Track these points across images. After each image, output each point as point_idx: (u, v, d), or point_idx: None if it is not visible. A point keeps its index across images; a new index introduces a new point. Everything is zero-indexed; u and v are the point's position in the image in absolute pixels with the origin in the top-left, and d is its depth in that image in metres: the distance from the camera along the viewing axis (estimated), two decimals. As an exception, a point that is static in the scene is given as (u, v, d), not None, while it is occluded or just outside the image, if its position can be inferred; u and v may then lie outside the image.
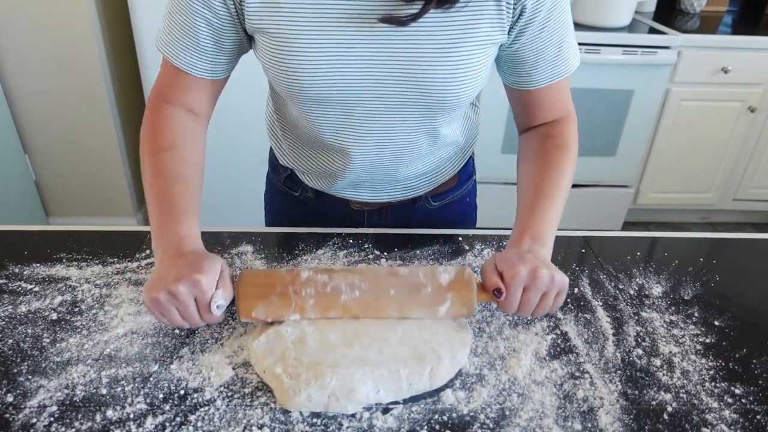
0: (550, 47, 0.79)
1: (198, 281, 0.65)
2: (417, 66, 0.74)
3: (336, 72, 0.74)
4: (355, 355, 0.69)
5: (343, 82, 0.75)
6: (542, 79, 0.82)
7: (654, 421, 0.65)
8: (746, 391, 0.70)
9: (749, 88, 2.45)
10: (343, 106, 0.79)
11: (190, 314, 0.67)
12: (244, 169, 2.18)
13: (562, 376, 0.71)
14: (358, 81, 0.75)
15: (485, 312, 0.81)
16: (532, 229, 0.76)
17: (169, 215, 0.73)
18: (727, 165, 2.65)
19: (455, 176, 1.02)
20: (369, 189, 0.96)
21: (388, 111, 0.80)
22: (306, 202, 1.03)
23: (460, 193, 1.05)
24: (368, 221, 1.03)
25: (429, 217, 1.03)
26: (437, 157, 0.94)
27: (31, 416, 0.63)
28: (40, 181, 2.41)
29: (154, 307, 0.67)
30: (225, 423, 0.63)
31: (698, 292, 0.88)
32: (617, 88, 2.36)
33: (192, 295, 0.66)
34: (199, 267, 0.67)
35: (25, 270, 0.86)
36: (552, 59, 0.80)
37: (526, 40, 0.78)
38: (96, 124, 2.28)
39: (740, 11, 2.94)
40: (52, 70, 2.15)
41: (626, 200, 2.70)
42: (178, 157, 0.77)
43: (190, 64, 0.78)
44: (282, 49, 0.73)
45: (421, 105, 0.79)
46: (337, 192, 0.98)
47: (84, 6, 2.04)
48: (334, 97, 0.77)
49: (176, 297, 0.65)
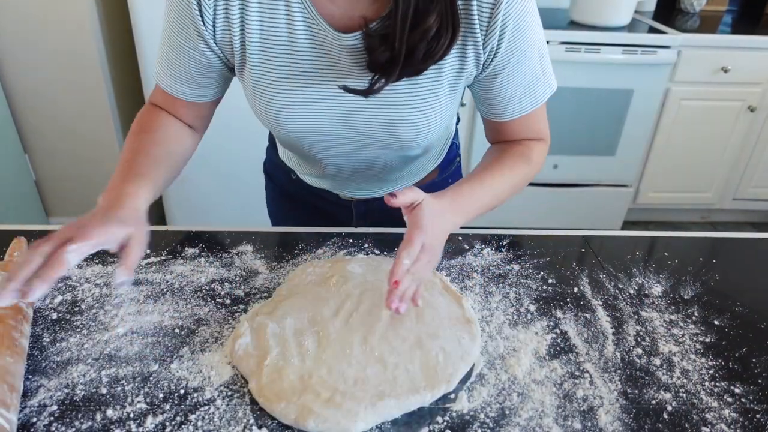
0: (519, 84, 0.80)
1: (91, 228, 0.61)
2: (383, 122, 0.80)
3: (306, 121, 0.81)
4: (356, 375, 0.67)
5: (313, 130, 0.82)
6: (513, 113, 0.83)
7: (654, 421, 0.65)
8: (746, 391, 0.70)
9: (749, 87, 2.45)
10: (317, 145, 0.86)
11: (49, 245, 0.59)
12: (244, 169, 2.18)
13: (562, 376, 0.71)
14: (327, 130, 0.82)
15: (485, 312, 0.81)
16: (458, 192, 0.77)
17: (122, 175, 0.72)
18: (727, 164, 2.65)
19: (436, 169, 1.05)
20: (353, 188, 1.02)
21: (359, 150, 0.86)
22: (300, 184, 1.07)
23: (442, 178, 1.08)
24: (356, 209, 1.06)
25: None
26: (418, 162, 0.98)
27: (31, 416, 0.63)
28: (40, 181, 2.41)
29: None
30: (225, 422, 0.63)
31: (698, 292, 0.88)
32: (617, 87, 2.36)
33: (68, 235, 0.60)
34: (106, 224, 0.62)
35: (25, 270, 0.86)
36: (521, 95, 0.81)
37: (493, 80, 0.79)
38: (96, 124, 2.28)
39: (740, 11, 2.94)
40: (52, 70, 2.15)
41: (626, 200, 2.70)
42: (155, 139, 0.80)
43: (181, 92, 0.83)
44: (260, 100, 0.80)
45: (391, 145, 0.84)
46: (323, 187, 1.03)
47: (84, 6, 2.04)
48: (306, 139, 0.84)
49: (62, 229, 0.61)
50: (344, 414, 0.62)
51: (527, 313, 0.81)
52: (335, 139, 0.84)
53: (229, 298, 0.82)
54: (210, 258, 0.90)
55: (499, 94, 0.81)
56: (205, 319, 0.78)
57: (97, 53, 2.14)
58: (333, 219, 1.07)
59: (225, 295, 0.83)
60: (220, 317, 0.78)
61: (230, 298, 0.82)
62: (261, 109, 0.81)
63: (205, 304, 0.81)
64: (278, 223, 1.18)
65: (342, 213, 1.07)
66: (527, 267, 0.91)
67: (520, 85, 0.80)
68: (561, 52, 2.26)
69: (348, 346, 0.71)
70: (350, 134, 0.82)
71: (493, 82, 0.79)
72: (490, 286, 0.86)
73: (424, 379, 0.67)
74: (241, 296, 0.83)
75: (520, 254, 0.94)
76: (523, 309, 0.82)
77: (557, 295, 0.85)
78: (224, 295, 0.83)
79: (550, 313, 0.81)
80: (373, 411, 0.63)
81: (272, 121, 0.82)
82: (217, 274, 0.87)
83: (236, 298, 0.82)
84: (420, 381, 0.67)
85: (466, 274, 0.89)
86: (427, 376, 0.67)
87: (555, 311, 0.82)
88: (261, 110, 0.82)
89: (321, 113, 0.80)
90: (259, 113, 0.83)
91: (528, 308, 0.82)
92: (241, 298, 0.82)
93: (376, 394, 0.65)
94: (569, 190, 2.64)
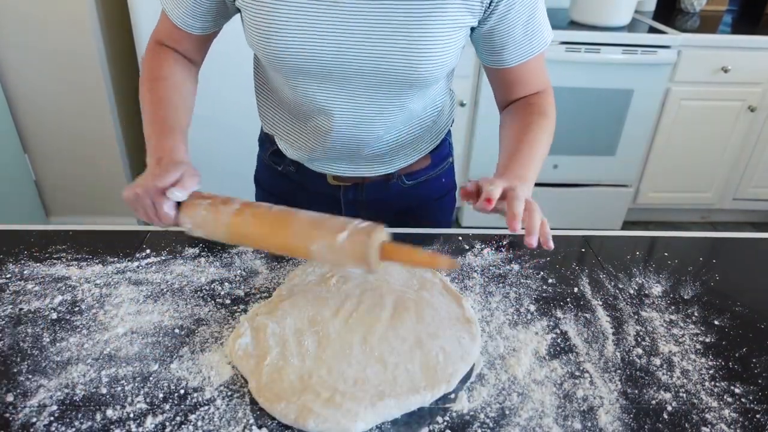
0: (518, 27, 0.83)
1: (153, 186, 0.74)
2: (382, 41, 0.79)
3: (308, 42, 0.79)
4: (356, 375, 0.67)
5: (314, 52, 0.80)
6: (514, 58, 0.87)
7: (654, 421, 0.65)
8: (746, 391, 0.70)
9: (749, 87, 2.45)
10: (318, 75, 0.84)
11: (149, 215, 0.76)
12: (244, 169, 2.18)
13: (562, 376, 0.71)
14: (328, 51, 0.80)
15: (485, 312, 0.81)
16: (513, 169, 0.81)
17: (159, 132, 0.83)
18: (727, 164, 2.65)
19: (428, 156, 1.04)
20: (344, 162, 0.99)
21: (362, 82, 0.84)
22: (289, 176, 1.06)
23: (435, 173, 1.07)
24: (344, 197, 1.05)
25: (403, 195, 1.06)
26: (409, 132, 0.97)
27: (31, 416, 0.63)
28: (39, 181, 2.41)
29: (128, 204, 0.77)
30: (225, 422, 0.63)
31: (698, 292, 0.88)
32: (617, 87, 2.36)
33: (149, 198, 0.74)
34: (162, 173, 0.75)
35: (25, 270, 0.86)
36: (521, 39, 0.85)
37: (494, 21, 0.82)
38: (96, 124, 2.28)
39: (740, 10, 2.94)
40: (51, 70, 2.15)
41: (626, 200, 2.70)
42: (171, 85, 0.89)
43: (183, 21, 0.88)
44: (259, 21, 0.80)
45: (388, 78, 0.83)
46: (314, 166, 1.01)
47: (84, 6, 2.04)
48: (307, 66, 0.82)
49: (138, 198, 0.75)
50: (344, 414, 0.62)
51: (527, 313, 0.81)
52: (336, 65, 0.81)
53: (229, 298, 0.82)
54: (210, 258, 0.90)
55: (500, 31, 0.84)
56: (205, 319, 0.78)
57: (97, 53, 2.14)
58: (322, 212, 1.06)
59: (225, 295, 0.83)
60: (220, 317, 0.78)
61: (230, 298, 0.82)
62: (260, 33, 0.81)
63: (205, 304, 0.81)
64: None
65: (330, 203, 1.04)
66: (527, 267, 0.91)
67: (521, 22, 0.83)
68: (561, 52, 2.26)
69: (348, 346, 0.71)
70: (353, 58, 0.80)
71: (494, 16, 0.81)
72: (490, 286, 0.86)
73: (424, 379, 0.67)
74: (241, 296, 0.83)
75: (520, 254, 0.94)
76: (523, 309, 0.82)
77: (557, 295, 0.85)
78: (224, 295, 0.83)
79: (550, 313, 0.81)
80: (373, 411, 0.63)
81: (272, 45, 0.81)
82: (217, 274, 0.87)
83: (236, 298, 0.82)
84: (420, 381, 0.67)
85: (466, 274, 0.89)
86: (427, 376, 0.67)
87: (555, 311, 0.82)
88: (260, 34, 0.81)
89: (327, 29, 0.78)
90: (258, 39, 0.82)
91: (528, 308, 0.82)
92: (241, 298, 0.82)
93: (376, 394, 0.65)
94: (569, 190, 2.64)
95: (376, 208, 1.03)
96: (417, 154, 1.02)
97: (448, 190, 1.13)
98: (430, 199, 1.10)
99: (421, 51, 0.79)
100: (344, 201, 1.05)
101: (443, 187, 1.11)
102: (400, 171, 1.02)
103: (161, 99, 0.87)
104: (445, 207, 1.13)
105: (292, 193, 1.07)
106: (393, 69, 0.81)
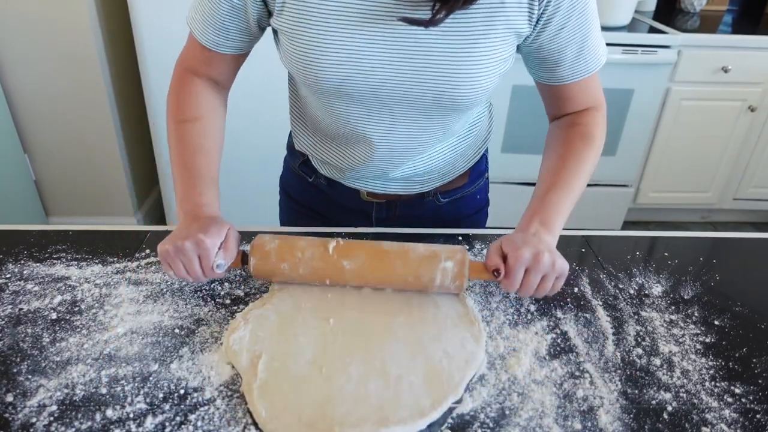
0: (573, 45, 0.79)
1: (202, 240, 0.73)
2: (435, 65, 0.75)
3: (354, 68, 0.76)
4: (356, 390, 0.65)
5: (359, 78, 0.77)
6: (566, 76, 0.84)
7: (654, 421, 0.65)
8: (746, 391, 0.70)
9: (749, 87, 2.45)
10: (359, 100, 0.81)
11: (193, 268, 0.74)
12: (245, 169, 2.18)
13: (562, 376, 0.71)
14: (374, 77, 0.77)
15: (485, 312, 0.81)
16: (541, 214, 0.79)
17: (191, 184, 0.81)
18: (727, 164, 2.65)
19: (466, 173, 1.02)
20: (379, 180, 0.97)
21: (403, 106, 0.81)
22: (318, 187, 1.04)
23: (471, 190, 1.05)
24: (377, 213, 1.02)
25: (437, 213, 1.03)
26: (449, 152, 0.94)
27: (31, 416, 0.63)
28: (39, 181, 2.41)
29: (163, 258, 0.75)
30: (225, 422, 0.63)
31: (698, 292, 0.88)
32: (617, 87, 2.36)
33: (195, 252, 0.73)
34: (207, 229, 0.75)
35: (25, 270, 0.86)
36: (574, 57, 0.81)
37: (546, 37, 0.78)
38: (96, 124, 2.28)
39: (740, 10, 2.94)
40: (51, 70, 2.15)
41: (626, 199, 2.70)
42: (200, 128, 0.85)
43: (212, 41, 0.83)
44: (303, 43, 0.76)
45: (437, 102, 0.80)
46: (347, 182, 0.98)
47: (84, 6, 2.04)
48: (350, 91, 0.79)
49: (181, 251, 0.73)
50: None
51: (527, 313, 0.81)
52: (379, 89, 0.78)
53: (229, 298, 0.82)
54: (210, 258, 0.90)
55: (553, 48, 0.80)
56: (205, 319, 0.78)
57: (97, 53, 2.14)
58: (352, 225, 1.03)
59: (225, 295, 0.83)
60: (220, 317, 0.78)
61: (230, 298, 0.82)
62: (301, 55, 0.77)
63: (205, 304, 0.81)
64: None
65: (360, 221, 1.03)
66: (527, 267, 0.91)
67: (576, 40, 0.79)
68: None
69: (347, 352, 0.70)
70: (396, 83, 0.77)
71: (547, 30, 0.78)
72: (490, 286, 0.86)
73: (429, 395, 0.65)
74: (241, 296, 0.82)
75: (520, 254, 0.94)
76: (523, 309, 0.82)
77: (557, 295, 0.85)
78: (224, 295, 0.83)
79: (550, 313, 0.81)
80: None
81: (313, 67, 0.77)
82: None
83: (236, 298, 0.82)
84: (425, 398, 0.64)
85: (466, 274, 0.89)
86: (433, 391, 0.65)
87: (555, 311, 0.82)
88: (301, 55, 0.77)
89: (368, 55, 0.75)
90: (298, 60, 0.78)
91: (528, 308, 0.82)
92: (241, 298, 0.82)
93: (378, 421, 0.62)
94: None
95: (407, 225, 1.01)
96: (456, 171, 0.99)
97: (481, 207, 1.10)
98: (463, 216, 1.07)
99: (466, 77, 0.77)
100: (376, 217, 1.03)
101: (477, 203, 1.08)
102: (436, 189, 1.00)
103: (191, 146, 0.84)
104: (476, 223, 1.10)
105: (322, 204, 1.05)
106: (444, 91, 0.78)
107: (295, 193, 1.09)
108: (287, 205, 1.12)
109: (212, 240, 0.74)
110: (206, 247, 0.73)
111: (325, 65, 0.76)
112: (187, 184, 0.81)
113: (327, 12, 0.73)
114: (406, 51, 0.75)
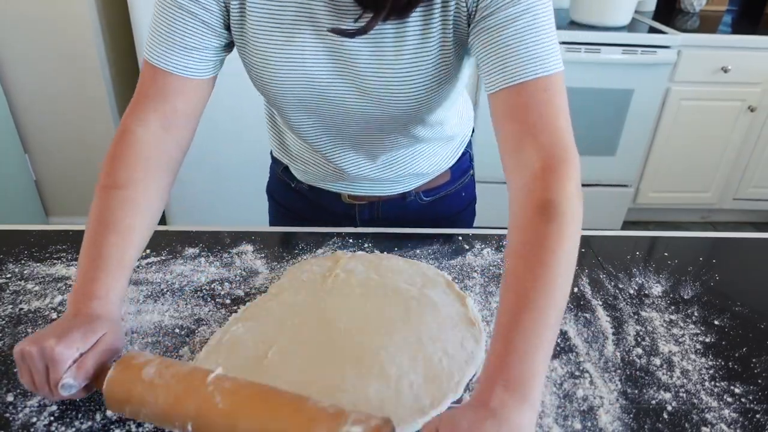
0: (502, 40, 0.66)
1: (50, 349, 0.57)
2: (366, 77, 0.74)
3: (298, 77, 0.75)
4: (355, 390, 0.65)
5: (305, 89, 0.77)
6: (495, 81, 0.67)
7: (654, 421, 0.65)
8: (746, 391, 0.70)
9: (749, 87, 2.45)
10: (315, 110, 0.81)
11: (41, 381, 0.59)
12: (244, 169, 2.18)
13: (562, 376, 0.71)
14: (320, 88, 0.77)
15: (485, 312, 0.81)
16: (506, 371, 0.53)
17: (90, 268, 0.66)
18: (727, 164, 2.65)
19: (447, 172, 1.02)
20: (358, 183, 0.97)
21: (353, 117, 0.80)
22: (301, 192, 1.04)
23: (455, 188, 1.05)
24: (360, 215, 1.03)
25: (421, 212, 1.03)
26: (422, 152, 0.94)
27: (31, 415, 0.63)
28: (39, 181, 2.41)
29: (16, 361, 0.60)
30: (225, 422, 0.63)
31: (698, 292, 0.88)
32: (617, 87, 2.36)
33: (43, 362, 0.58)
34: (68, 333, 0.59)
35: (25, 269, 0.86)
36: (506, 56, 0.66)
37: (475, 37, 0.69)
38: (96, 124, 2.28)
39: (740, 10, 2.94)
40: (52, 70, 2.15)
41: (626, 199, 2.70)
42: (125, 199, 0.71)
43: (174, 63, 0.73)
44: (251, 55, 0.75)
45: (382, 114, 0.79)
46: (327, 186, 0.99)
47: (84, 6, 2.04)
48: (302, 102, 0.79)
49: (29, 357, 0.58)
50: None
51: (527, 313, 0.81)
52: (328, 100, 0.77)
53: (229, 298, 0.82)
54: (210, 258, 0.90)
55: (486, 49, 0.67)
56: (205, 319, 0.78)
57: (97, 53, 2.14)
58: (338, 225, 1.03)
59: (225, 295, 0.83)
60: (220, 317, 0.78)
61: (230, 298, 0.82)
62: (260, 65, 0.75)
63: (205, 304, 0.81)
64: None
65: (346, 223, 1.03)
66: (527, 267, 0.91)
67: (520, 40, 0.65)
68: (561, 52, 2.25)
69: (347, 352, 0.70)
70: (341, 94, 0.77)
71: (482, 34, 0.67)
72: (491, 286, 0.86)
73: (429, 394, 0.65)
74: (241, 296, 0.83)
75: (520, 254, 0.94)
76: (523, 309, 0.82)
77: (557, 295, 0.85)
78: (224, 295, 0.83)
79: None
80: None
81: (263, 78, 0.76)
82: (217, 274, 0.87)
83: (236, 298, 0.82)
84: (425, 398, 0.64)
85: (466, 274, 0.89)
86: (433, 389, 0.65)
87: (555, 311, 0.82)
88: (260, 66, 0.75)
89: (312, 66, 0.74)
90: (250, 72, 0.78)
91: (528, 308, 0.82)
92: (241, 298, 0.82)
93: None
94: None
95: (391, 225, 1.01)
96: (435, 171, 0.99)
97: (467, 204, 1.09)
98: (449, 214, 1.06)
99: (398, 90, 0.74)
100: (360, 219, 1.03)
101: (462, 201, 1.07)
102: (418, 188, 1.00)
103: (107, 219, 0.69)
104: (463, 221, 1.09)
105: (307, 209, 1.05)
106: (378, 107, 0.77)
107: (280, 198, 1.10)
108: (275, 210, 1.13)
109: (66, 351, 0.58)
110: (54, 359, 0.57)
111: (272, 76, 0.75)
112: (85, 268, 0.66)
113: (269, 22, 0.72)
114: (343, 62, 0.74)
